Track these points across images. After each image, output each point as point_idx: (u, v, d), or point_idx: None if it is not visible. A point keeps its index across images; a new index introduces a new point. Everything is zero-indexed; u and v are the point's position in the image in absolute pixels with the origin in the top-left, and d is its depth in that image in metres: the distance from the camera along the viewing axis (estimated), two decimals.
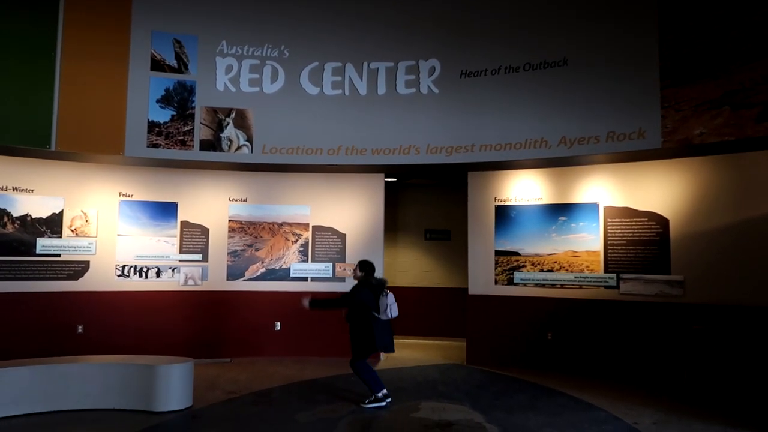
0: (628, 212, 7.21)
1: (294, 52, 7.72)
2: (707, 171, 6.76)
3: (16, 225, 7.38)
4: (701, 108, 6.16)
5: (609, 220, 7.33)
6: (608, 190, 7.37)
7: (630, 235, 7.18)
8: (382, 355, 8.25)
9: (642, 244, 7.09)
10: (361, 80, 7.69)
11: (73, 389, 5.34)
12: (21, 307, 7.29)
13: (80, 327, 7.58)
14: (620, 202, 7.28)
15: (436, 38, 7.59)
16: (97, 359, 5.67)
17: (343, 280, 8.31)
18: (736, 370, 5.97)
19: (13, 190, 7.39)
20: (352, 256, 8.35)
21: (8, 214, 7.34)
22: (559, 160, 7.28)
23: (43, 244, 7.49)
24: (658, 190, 7.05)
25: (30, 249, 7.42)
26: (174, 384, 5.41)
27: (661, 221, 6.99)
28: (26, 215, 7.44)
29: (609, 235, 7.31)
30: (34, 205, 7.48)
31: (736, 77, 5.98)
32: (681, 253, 6.83)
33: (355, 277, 6.01)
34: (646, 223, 7.10)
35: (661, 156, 6.85)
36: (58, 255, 7.56)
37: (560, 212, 7.66)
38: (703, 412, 5.56)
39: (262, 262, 8.31)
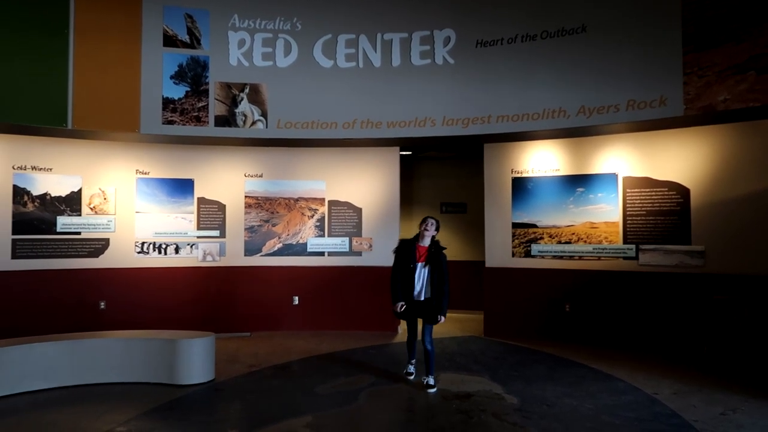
0: (648, 182, 7.10)
1: (306, 24, 7.62)
2: (730, 138, 6.61)
3: (36, 203, 7.47)
4: (725, 73, 5.99)
5: (628, 190, 7.23)
6: (627, 160, 7.25)
7: (650, 205, 7.08)
8: (399, 328, 8.30)
9: (662, 214, 7.00)
10: (375, 52, 7.58)
11: (99, 363, 5.46)
12: (44, 285, 7.42)
13: (102, 303, 7.71)
14: (640, 172, 7.16)
15: (451, 7, 7.43)
16: (121, 334, 5.77)
17: (359, 254, 8.33)
18: (758, 340, 5.93)
19: (32, 169, 7.46)
20: (368, 231, 8.36)
21: (28, 192, 7.43)
22: (577, 130, 7.15)
23: (63, 222, 7.58)
24: (678, 160, 6.92)
25: (51, 227, 7.52)
26: (196, 358, 5.49)
27: (682, 191, 6.88)
28: (45, 194, 7.52)
29: (628, 205, 7.22)
30: (53, 184, 7.56)
31: (762, 40, 5.78)
32: (702, 223, 6.74)
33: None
34: (666, 193, 6.99)
35: (682, 124, 6.70)
36: (78, 233, 7.65)
37: (578, 183, 7.56)
38: (723, 382, 5.54)
39: (279, 238, 8.35)
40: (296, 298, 8.32)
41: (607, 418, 4.52)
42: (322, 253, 8.36)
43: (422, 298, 5.35)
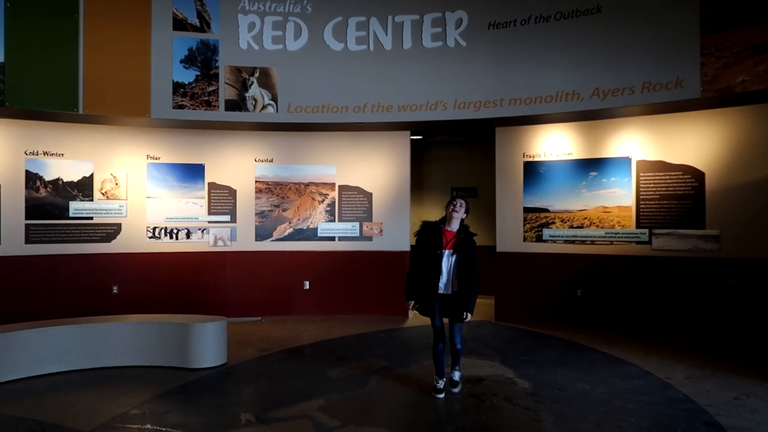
0: (662, 166, 7.01)
1: (317, 7, 7.54)
2: (747, 121, 6.50)
3: (48, 189, 7.51)
4: (744, 54, 5.86)
5: (642, 174, 7.14)
6: (641, 144, 7.15)
7: (663, 189, 7.00)
8: (410, 313, 8.30)
9: (676, 198, 6.91)
10: (386, 35, 7.50)
11: (113, 347, 5.51)
12: (58, 269, 7.48)
13: (115, 288, 7.77)
14: (654, 155, 7.07)
15: None
16: (135, 318, 5.81)
17: (370, 239, 8.32)
18: None
19: (44, 154, 7.48)
20: (379, 215, 8.34)
21: (40, 178, 7.46)
22: (591, 113, 7.06)
23: (76, 207, 7.62)
24: (693, 143, 6.82)
25: (63, 212, 7.56)
26: (209, 342, 5.53)
27: (697, 174, 6.79)
28: (58, 179, 7.55)
29: (641, 189, 7.14)
30: (65, 169, 7.59)
31: None
32: (717, 207, 6.65)
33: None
34: (680, 176, 6.90)
35: (699, 106, 6.59)
36: (91, 218, 7.70)
37: (591, 167, 7.48)
38: (737, 367, 5.50)
39: (290, 223, 8.35)
40: (307, 282, 8.34)
41: (619, 403, 4.51)
42: (332, 238, 8.36)
43: (449, 291, 4.61)
